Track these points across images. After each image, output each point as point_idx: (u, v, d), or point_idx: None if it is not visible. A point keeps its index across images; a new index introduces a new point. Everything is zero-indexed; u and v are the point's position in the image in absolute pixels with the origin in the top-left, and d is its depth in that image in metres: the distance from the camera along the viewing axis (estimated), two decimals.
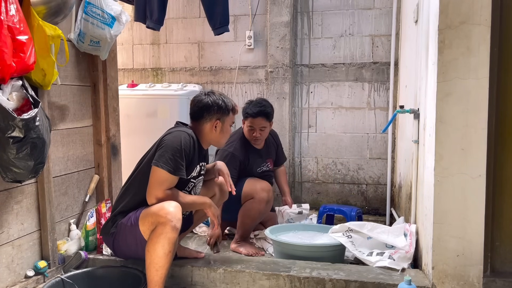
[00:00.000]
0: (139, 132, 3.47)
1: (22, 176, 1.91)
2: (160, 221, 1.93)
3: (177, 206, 1.98)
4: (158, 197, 2.00)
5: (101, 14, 2.36)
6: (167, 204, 1.97)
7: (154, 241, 1.94)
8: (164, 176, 2.01)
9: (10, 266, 2.09)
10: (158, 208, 1.96)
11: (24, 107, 1.88)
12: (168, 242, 1.93)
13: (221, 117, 2.21)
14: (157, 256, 1.92)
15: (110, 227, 2.15)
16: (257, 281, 2.15)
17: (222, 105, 2.20)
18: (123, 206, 2.14)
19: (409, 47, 2.96)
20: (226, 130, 2.26)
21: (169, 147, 2.03)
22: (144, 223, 2.00)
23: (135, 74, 4.07)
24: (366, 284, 2.02)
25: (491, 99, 1.90)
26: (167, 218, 1.92)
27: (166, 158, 2.01)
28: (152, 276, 1.93)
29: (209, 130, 2.21)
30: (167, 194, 2.01)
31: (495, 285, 1.97)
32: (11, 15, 1.75)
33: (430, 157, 2.00)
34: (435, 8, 1.95)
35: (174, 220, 1.93)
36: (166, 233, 1.92)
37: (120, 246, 2.16)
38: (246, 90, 3.83)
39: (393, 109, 3.46)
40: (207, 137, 2.23)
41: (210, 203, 2.18)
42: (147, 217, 1.99)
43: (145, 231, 2.00)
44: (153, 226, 1.96)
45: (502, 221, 2.01)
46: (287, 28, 3.61)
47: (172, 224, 1.92)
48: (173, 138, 2.07)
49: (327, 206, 3.30)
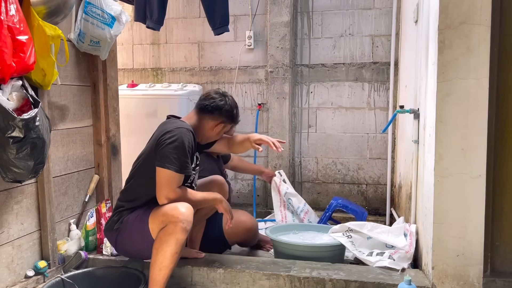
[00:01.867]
0: (139, 132, 3.46)
1: (22, 176, 1.91)
2: (172, 220, 1.93)
3: (190, 208, 1.98)
4: (169, 197, 2.00)
5: (101, 14, 2.36)
6: (180, 205, 1.97)
7: (162, 240, 1.94)
8: (171, 176, 2.00)
9: (10, 266, 2.09)
10: (171, 208, 1.97)
11: (24, 107, 1.88)
12: (176, 243, 1.93)
13: (225, 122, 2.23)
14: (163, 255, 1.92)
15: (115, 222, 2.14)
16: (257, 281, 2.15)
17: (231, 114, 2.24)
18: (128, 202, 2.14)
19: (409, 47, 2.96)
20: (221, 134, 2.29)
21: (172, 147, 2.01)
22: (154, 221, 2.00)
23: (135, 74, 4.07)
24: (366, 284, 2.02)
25: (491, 99, 1.90)
26: (179, 218, 1.92)
27: (171, 158, 1.99)
28: (155, 275, 1.93)
29: (209, 128, 2.22)
30: (178, 193, 2.01)
31: (495, 285, 1.97)
32: (11, 15, 1.75)
33: (430, 157, 2.00)
34: (435, 8, 1.95)
35: (185, 222, 1.93)
36: (175, 234, 1.92)
37: (123, 242, 2.15)
38: (246, 90, 3.83)
39: (393, 109, 3.46)
40: (204, 132, 2.23)
41: (221, 198, 2.18)
42: (158, 215, 1.99)
43: (154, 229, 2.01)
44: (163, 225, 1.96)
45: (502, 221, 2.01)
46: (287, 28, 3.61)
47: (183, 225, 1.92)
48: (175, 136, 2.04)
49: (339, 199, 3.15)
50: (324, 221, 3.05)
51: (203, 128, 2.22)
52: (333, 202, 3.11)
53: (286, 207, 3.06)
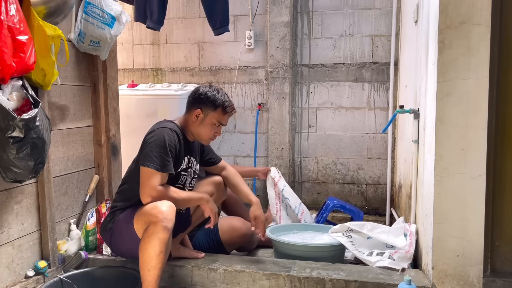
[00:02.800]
0: (139, 132, 3.42)
1: (22, 176, 1.91)
2: (152, 220, 1.92)
3: (170, 205, 1.97)
4: (151, 195, 1.99)
5: (101, 14, 2.36)
6: (160, 204, 1.96)
7: (146, 241, 1.93)
8: (152, 174, 2.00)
9: (10, 266, 2.09)
10: (150, 207, 1.96)
11: (24, 107, 1.88)
12: (159, 243, 1.91)
13: (204, 108, 2.17)
14: (148, 256, 1.92)
15: (107, 222, 2.16)
16: (257, 281, 2.15)
17: (211, 98, 2.16)
18: (121, 202, 2.15)
19: (409, 47, 2.96)
20: (206, 124, 2.18)
21: (153, 145, 2.03)
22: (138, 221, 2.01)
23: (135, 74, 4.07)
24: (366, 284, 2.02)
25: (491, 99, 1.90)
26: (158, 217, 1.91)
27: (151, 156, 2.01)
28: (145, 276, 1.93)
29: (191, 120, 2.19)
30: (160, 191, 2.00)
31: (495, 285, 1.97)
32: (11, 15, 1.75)
33: (430, 157, 2.00)
34: (435, 8, 1.95)
35: (165, 221, 1.91)
36: (157, 233, 1.91)
37: (117, 242, 2.16)
38: (246, 90, 3.83)
39: (393, 109, 3.46)
40: (190, 127, 2.21)
41: (207, 198, 2.16)
42: (141, 215, 1.99)
43: (139, 229, 2.01)
44: (146, 225, 1.96)
45: (502, 221, 2.01)
46: (287, 28, 3.61)
47: (163, 224, 1.91)
48: (155, 135, 2.07)
49: (334, 199, 3.09)
50: (320, 223, 3.01)
51: (188, 122, 2.21)
52: (330, 202, 3.05)
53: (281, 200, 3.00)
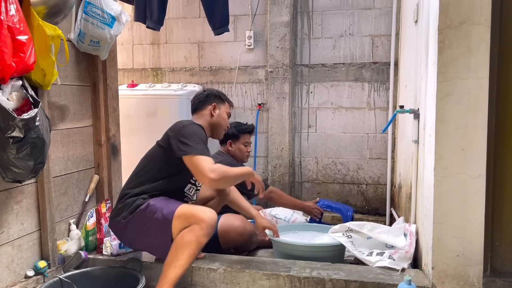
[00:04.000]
0: (139, 132, 3.47)
1: (22, 176, 1.91)
2: (199, 222, 1.97)
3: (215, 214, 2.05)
4: (210, 178, 2.01)
5: (101, 14, 2.36)
6: (209, 210, 2.05)
7: (185, 239, 1.96)
8: (202, 158, 2.05)
9: (10, 266, 2.09)
10: (200, 209, 2.04)
11: (24, 107, 1.87)
12: (197, 245, 1.97)
13: (218, 102, 2.38)
14: (181, 253, 1.94)
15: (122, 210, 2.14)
16: (257, 281, 2.15)
17: (217, 95, 2.42)
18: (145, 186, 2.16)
19: (409, 47, 2.96)
20: (223, 116, 2.39)
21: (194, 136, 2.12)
22: (180, 217, 2.02)
23: (135, 74, 4.07)
24: (366, 284, 2.02)
25: (491, 99, 1.90)
26: (206, 222, 1.98)
27: (191, 145, 2.07)
28: (168, 272, 1.94)
29: (208, 114, 2.35)
30: (216, 170, 2.04)
31: (495, 285, 1.97)
32: (11, 15, 1.75)
33: (430, 157, 2.00)
34: (435, 8, 1.95)
35: (210, 228, 1.99)
36: (198, 236, 1.96)
37: (133, 232, 2.13)
38: (246, 90, 3.83)
39: (393, 109, 3.46)
40: (208, 123, 2.34)
41: (252, 171, 2.24)
42: (185, 213, 2.02)
43: (176, 226, 2.02)
44: (188, 224, 1.99)
45: (502, 221, 2.01)
46: (287, 28, 3.61)
47: (207, 230, 1.98)
48: (192, 127, 2.16)
49: (325, 201, 3.09)
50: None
51: (204, 119, 2.34)
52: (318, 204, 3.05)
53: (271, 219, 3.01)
